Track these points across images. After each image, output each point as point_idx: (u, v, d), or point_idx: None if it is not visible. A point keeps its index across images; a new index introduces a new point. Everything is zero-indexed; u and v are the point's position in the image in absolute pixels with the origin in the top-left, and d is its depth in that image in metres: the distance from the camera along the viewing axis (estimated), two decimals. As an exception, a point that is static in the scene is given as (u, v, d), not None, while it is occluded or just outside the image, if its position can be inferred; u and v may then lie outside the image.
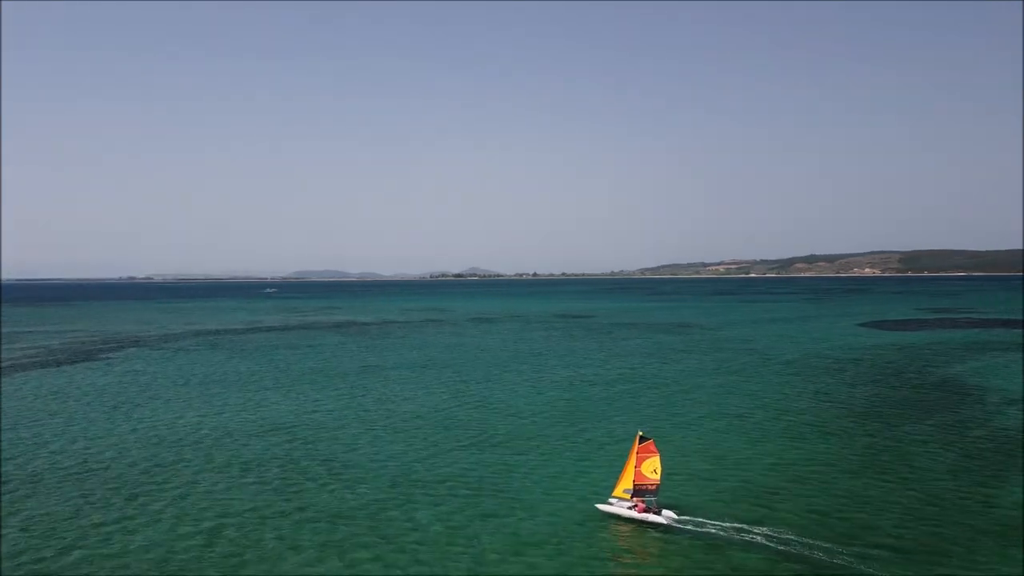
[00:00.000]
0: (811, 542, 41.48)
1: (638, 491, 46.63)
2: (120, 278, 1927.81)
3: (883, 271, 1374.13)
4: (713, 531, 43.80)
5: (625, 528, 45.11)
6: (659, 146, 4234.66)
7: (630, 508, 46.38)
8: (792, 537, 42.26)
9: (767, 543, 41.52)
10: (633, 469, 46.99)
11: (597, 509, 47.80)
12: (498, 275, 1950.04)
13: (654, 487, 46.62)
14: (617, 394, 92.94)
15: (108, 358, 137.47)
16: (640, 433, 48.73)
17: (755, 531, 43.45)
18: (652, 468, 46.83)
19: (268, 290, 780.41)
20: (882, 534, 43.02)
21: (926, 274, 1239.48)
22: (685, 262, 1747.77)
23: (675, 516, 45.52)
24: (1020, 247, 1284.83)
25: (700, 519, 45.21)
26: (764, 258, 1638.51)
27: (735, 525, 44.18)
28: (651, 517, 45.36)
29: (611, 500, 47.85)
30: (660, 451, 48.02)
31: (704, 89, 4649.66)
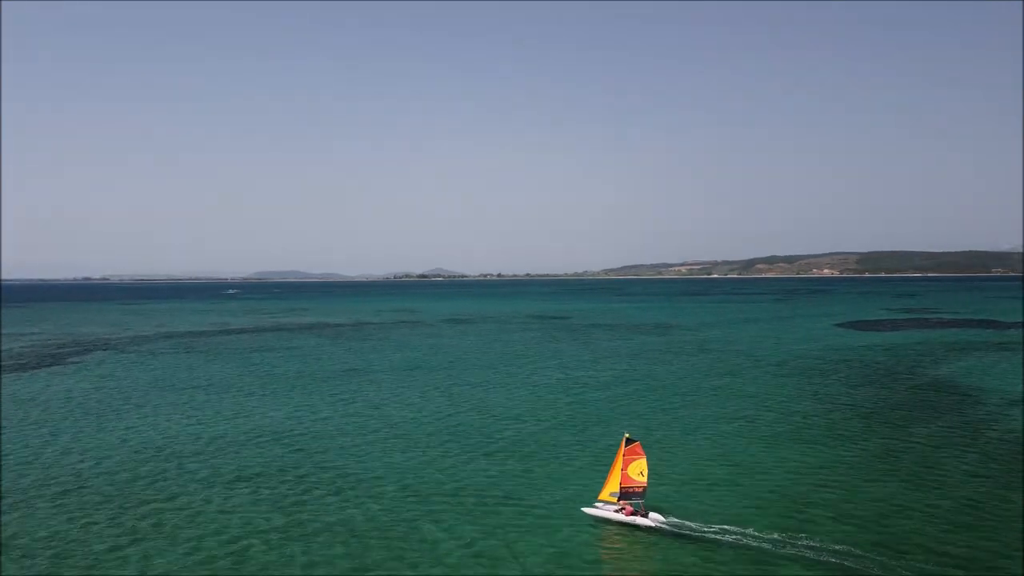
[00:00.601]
0: (861, 553, 40.23)
1: (625, 494, 46.22)
2: (75, 279, 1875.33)
3: (841, 272, 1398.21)
4: (742, 540, 42.37)
5: (614, 532, 44.70)
6: (620, 147, 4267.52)
7: (617, 511, 45.87)
8: (839, 547, 41.00)
9: (812, 555, 40.11)
10: (620, 472, 46.44)
11: (584, 513, 47.09)
12: (462, 276, 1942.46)
13: (641, 490, 46.19)
14: (617, 397, 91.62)
15: (80, 362, 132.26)
16: (627, 435, 48.11)
17: (799, 542, 42.09)
18: (639, 470, 46.34)
19: (230, 291, 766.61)
20: (933, 541, 42.01)
21: (883, 275, 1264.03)
22: (648, 263, 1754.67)
23: (663, 519, 45.08)
24: (976, 248, 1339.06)
25: (736, 528, 43.85)
26: (726, 259, 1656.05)
27: (775, 536, 42.83)
28: (639, 520, 44.89)
29: (597, 504, 47.27)
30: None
31: (667, 91, 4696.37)
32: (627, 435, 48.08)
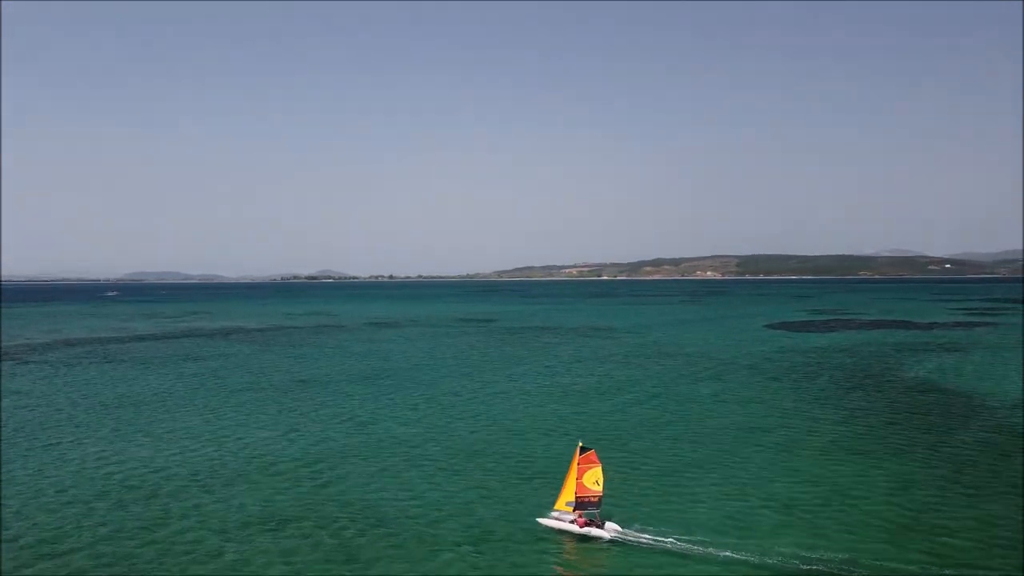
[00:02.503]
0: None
1: (580, 503, 44.75)
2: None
3: (723, 274, 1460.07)
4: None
5: (568, 542, 43.06)
6: (508, 148, 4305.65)
7: (571, 522, 44.42)
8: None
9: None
10: (575, 481, 44.57)
11: (538, 523, 45.37)
12: (353, 277, 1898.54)
13: (596, 499, 44.69)
14: (621, 406, 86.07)
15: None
16: (580, 444, 46.15)
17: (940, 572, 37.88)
18: (594, 479, 44.82)
19: (110, 293, 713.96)
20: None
21: (763, 276, 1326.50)
22: (538, 265, 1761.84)
23: (619, 529, 43.53)
24: (845, 253, 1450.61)
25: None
26: (614, 261, 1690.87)
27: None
28: (593, 531, 43.60)
29: (552, 513, 45.42)
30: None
31: (555, 93, 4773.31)
32: (581, 443, 46.20)
